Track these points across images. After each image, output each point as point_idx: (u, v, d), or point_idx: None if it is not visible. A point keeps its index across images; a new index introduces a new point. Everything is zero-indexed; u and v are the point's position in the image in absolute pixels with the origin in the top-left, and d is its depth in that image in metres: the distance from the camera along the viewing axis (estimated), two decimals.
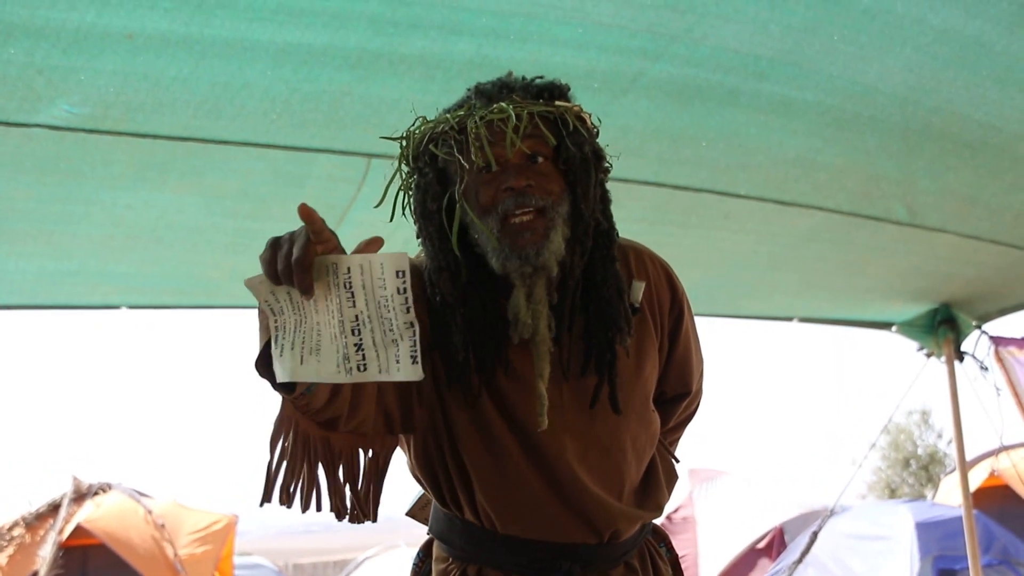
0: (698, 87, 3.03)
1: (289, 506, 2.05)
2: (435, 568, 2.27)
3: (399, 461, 2.23)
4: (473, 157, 2.00)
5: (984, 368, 5.78)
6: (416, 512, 2.54)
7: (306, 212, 1.62)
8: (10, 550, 8.09)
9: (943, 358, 5.89)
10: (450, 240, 2.05)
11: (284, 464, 2.00)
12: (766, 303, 5.81)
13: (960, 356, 5.84)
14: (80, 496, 8.73)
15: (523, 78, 2.13)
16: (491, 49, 2.74)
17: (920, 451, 29.88)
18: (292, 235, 1.64)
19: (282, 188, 3.43)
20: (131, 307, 4.57)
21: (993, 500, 10.09)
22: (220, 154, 3.11)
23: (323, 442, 2.06)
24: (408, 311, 1.61)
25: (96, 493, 8.84)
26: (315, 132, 3.05)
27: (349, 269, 1.62)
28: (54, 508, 8.55)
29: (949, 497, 10.77)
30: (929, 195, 4.01)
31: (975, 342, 5.83)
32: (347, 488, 2.11)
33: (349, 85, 2.83)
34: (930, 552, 8.74)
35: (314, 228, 1.62)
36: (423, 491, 2.33)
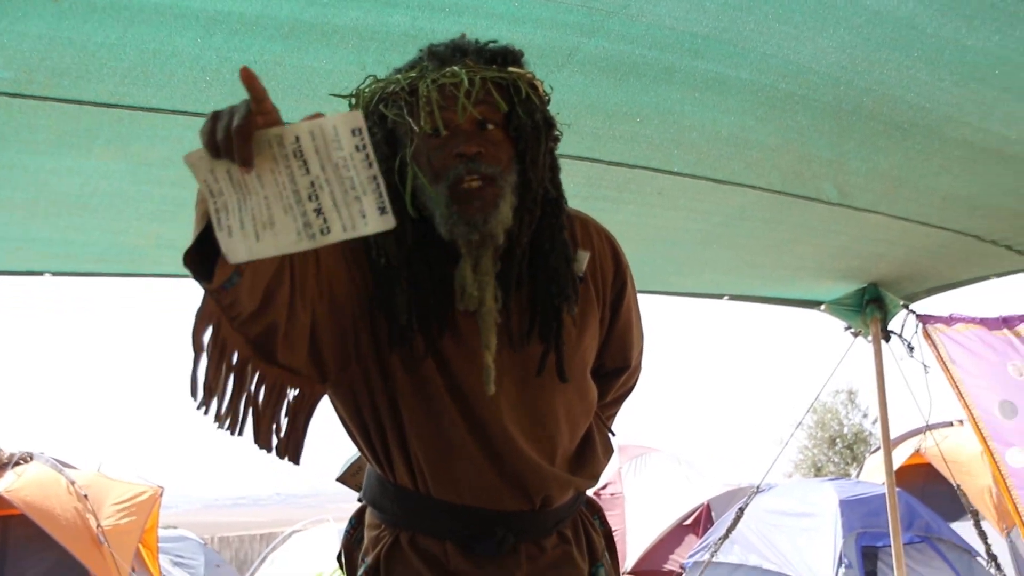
0: (633, 63, 3.03)
1: (214, 415, 1.91)
2: (367, 535, 2.25)
3: (324, 431, 2.18)
4: (423, 121, 1.99)
5: (910, 348, 5.86)
6: (347, 479, 2.51)
7: (248, 76, 1.57)
8: None
9: (870, 337, 5.96)
10: (397, 202, 2.02)
11: (205, 362, 1.86)
12: (697, 280, 5.84)
13: (887, 336, 5.91)
14: (0, 466, 8.60)
15: (476, 41, 2.10)
16: (426, 22, 2.71)
17: (846, 430, 30.36)
18: (233, 108, 1.58)
19: None
20: (55, 274, 4.48)
21: (916, 478, 10.27)
22: (147, 121, 3.06)
23: (253, 366, 1.94)
24: (371, 166, 1.56)
25: (17, 463, 8.66)
26: None
27: (298, 138, 1.56)
28: None
29: (873, 475, 10.94)
30: (859, 175, 4.04)
31: (902, 322, 5.91)
32: (271, 421, 2.00)
33: (281, 55, 2.79)
34: (853, 529, 8.89)
35: (256, 96, 1.57)
36: (354, 457, 2.30)
